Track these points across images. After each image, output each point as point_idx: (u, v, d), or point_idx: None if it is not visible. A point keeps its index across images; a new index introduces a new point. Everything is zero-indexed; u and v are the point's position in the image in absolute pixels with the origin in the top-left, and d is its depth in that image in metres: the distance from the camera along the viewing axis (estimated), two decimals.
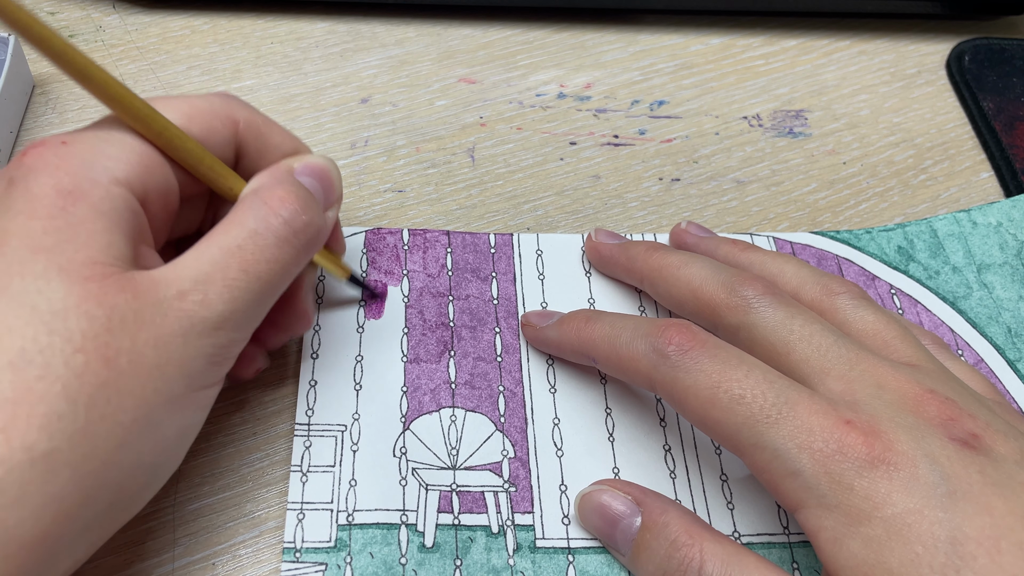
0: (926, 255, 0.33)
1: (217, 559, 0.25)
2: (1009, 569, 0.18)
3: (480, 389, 0.28)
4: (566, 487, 0.27)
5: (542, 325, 0.29)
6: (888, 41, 0.41)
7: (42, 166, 0.20)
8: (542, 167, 0.35)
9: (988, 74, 0.39)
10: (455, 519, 0.26)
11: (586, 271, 0.32)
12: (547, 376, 0.29)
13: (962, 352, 0.31)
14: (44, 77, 0.36)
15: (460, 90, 0.37)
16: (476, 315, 0.30)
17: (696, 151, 0.36)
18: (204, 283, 0.20)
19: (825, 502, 0.20)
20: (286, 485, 0.26)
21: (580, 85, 0.38)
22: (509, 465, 0.27)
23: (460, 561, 0.25)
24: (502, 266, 0.31)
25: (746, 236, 0.33)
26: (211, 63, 0.37)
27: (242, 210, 0.22)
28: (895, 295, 0.32)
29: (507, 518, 0.26)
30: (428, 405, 0.28)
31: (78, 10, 0.38)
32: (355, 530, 0.25)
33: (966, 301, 0.32)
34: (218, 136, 0.24)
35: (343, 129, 0.35)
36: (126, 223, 0.20)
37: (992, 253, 0.33)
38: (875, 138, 0.37)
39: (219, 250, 0.21)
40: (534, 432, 0.28)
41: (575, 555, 0.25)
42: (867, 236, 0.33)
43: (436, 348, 0.29)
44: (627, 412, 0.28)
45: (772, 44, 0.40)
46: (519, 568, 0.25)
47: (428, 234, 0.32)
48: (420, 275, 0.30)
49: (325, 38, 0.38)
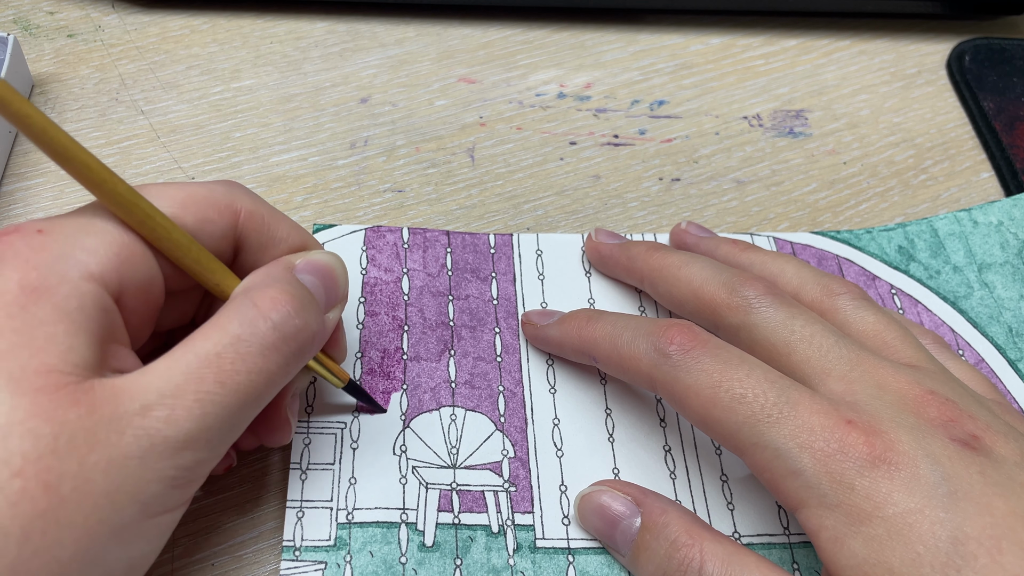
0: (927, 255, 0.33)
1: (217, 559, 0.25)
2: (1010, 568, 0.18)
3: (480, 389, 0.28)
4: (566, 487, 0.27)
5: (543, 324, 0.29)
6: (888, 41, 0.41)
7: (11, 256, 0.19)
8: (542, 167, 0.35)
9: (988, 74, 0.39)
10: (455, 518, 0.25)
11: (586, 271, 0.32)
12: (547, 376, 0.29)
13: (963, 352, 0.31)
14: (44, 77, 0.36)
15: (460, 90, 0.37)
16: (476, 315, 0.30)
17: (696, 151, 0.36)
18: (172, 396, 0.18)
19: (826, 501, 0.20)
20: (286, 485, 0.26)
21: (580, 85, 0.38)
22: (509, 465, 0.27)
23: (460, 560, 0.25)
24: (502, 266, 0.31)
25: (746, 236, 0.33)
26: (210, 63, 0.37)
27: (228, 312, 0.20)
28: (896, 295, 0.32)
29: (507, 518, 0.26)
30: (428, 403, 0.28)
31: (77, 10, 0.38)
32: (355, 528, 0.25)
33: (967, 301, 0.32)
34: (214, 227, 0.22)
35: (343, 129, 0.35)
36: (94, 323, 0.19)
37: (993, 252, 0.33)
38: (875, 138, 0.37)
39: (195, 358, 0.19)
40: (534, 432, 0.28)
41: (575, 555, 0.25)
42: (867, 236, 0.33)
43: (436, 347, 0.29)
44: (627, 413, 0.28)
45: (772, 44, 0.40)
46: (519, 568, 0.25)
47: (428, 233, 0.32)
48: (420, 274, 0.30)
49: (324, 38, 0.38)
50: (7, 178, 0.33)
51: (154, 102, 0.35)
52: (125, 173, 0.33)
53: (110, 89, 0.36)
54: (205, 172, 0.33)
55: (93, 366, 0.18)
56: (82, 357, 0.18)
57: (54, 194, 0.32)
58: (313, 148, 0.35)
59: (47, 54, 0.37)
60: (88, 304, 0.19)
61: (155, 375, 0.19)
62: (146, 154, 0.34)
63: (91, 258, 0.19)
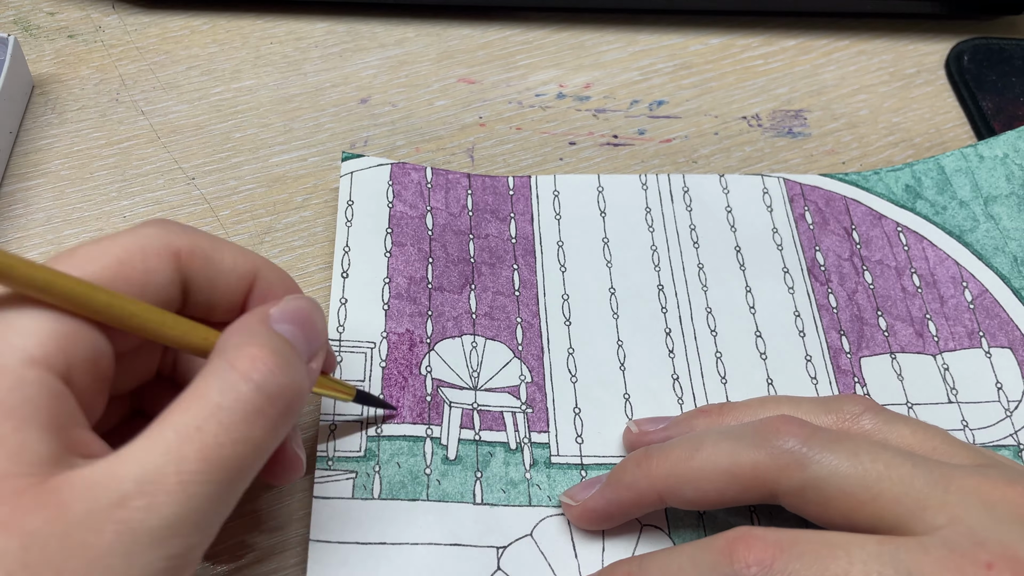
0: (933, 192, 0.33)
1: (217, 559, 0.25)
2: None
3: (499, 320, 0.30)
4: (579, 410, 0.28)
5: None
6: (887, 41, 0.41)
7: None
8: (541, 167, 0.35)
9: (987, 74, 0.39)
10: (476, 435, 0.27)
11: (601, 211, 0.33)
12: (562, 310, 0.30)
13: (967, 284, 0.31)
14: (44, 78, 0.36)
15: (459, 90, 0.37)
16: (495, 253, 0.31)
17: (695, 151, 0.36)
18: (152, 482, 0.16)
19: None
20: (286, 485, 0.26)
21: (579, 85, 0.38)
22: (526, 389, 0.29)
23: (480, 473, 0.26)
24: (520, 207, 0.33)
25: (756, 177, 0.34)
26: (210, 63, 0.37)
27: (205, 378, 0.18)
28: (901, 232, 0.33)
29: (524, 436, 0.28)
30: (451, 330, 0.29)
31: (77, 10, 0.38)
32: (383, 441, 0.27)
33: (972, 234, 0.33)
34: (159, 277, 0.20)
35: (343, 129, 0.35)
36: (44, 413, 0.17)
37: (999, 184, 0.33)
38: (874, 138, 0.37)
39: (174, 435, 0.17)
40: (550, 360, 0.29)
41: (588, 471, 0.27)
42: (875, 177, 0.34)
43: (458, 281, 0.30)
44: (638, 344, 0.30)
45: (771, 44, 0.40)
46: (535, 481, 0.27)
47: (450, 175, 0.33)
48: (443, 212, 0.32)
49: (324, 38, 0.38)
50: (7, 179, 0.33)
51: (154, 102, 0.35)
52: (125, 174, 0.33)
53: (110, 90, 0.36)
54: (205, 172, 0.33)
55: (54, 460, 0.16)
56: (38, 454, 0.16)
57: (54, 194, 0.32)
58: (313, 148, 0.35)
59: (47, 55, 0.37)
60: (34, 393, 0.17)
61: (130, 459, 0.17)
62: (146, 154, 0.34)
63: (29, 340, 0.17)
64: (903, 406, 0.29)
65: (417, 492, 0.26)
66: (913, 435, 0.23)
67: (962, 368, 0.30)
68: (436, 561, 0.24)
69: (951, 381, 0.29)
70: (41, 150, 0.34)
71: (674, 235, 0.32)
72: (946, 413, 0.29)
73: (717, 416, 0.25)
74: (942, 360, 0.30)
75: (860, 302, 0.31)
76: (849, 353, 0.30)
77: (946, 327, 0.30)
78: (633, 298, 0.31)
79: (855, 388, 0.29)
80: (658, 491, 0.23)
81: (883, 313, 0.31)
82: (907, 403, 0.29)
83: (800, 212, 0.33)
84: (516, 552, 0.25)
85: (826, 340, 0.30)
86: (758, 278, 0.31)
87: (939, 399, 0.29)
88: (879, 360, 0.30)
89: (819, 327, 0.30)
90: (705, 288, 0.31)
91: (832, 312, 0.31)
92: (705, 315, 0.30)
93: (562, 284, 0.31)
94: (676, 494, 0.23)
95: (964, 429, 0.28)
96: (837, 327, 0.30)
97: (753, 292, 0.31)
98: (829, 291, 0.31)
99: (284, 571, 0.25)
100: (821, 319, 0.30)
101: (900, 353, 0.30)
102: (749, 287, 0.31)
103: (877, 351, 0.30)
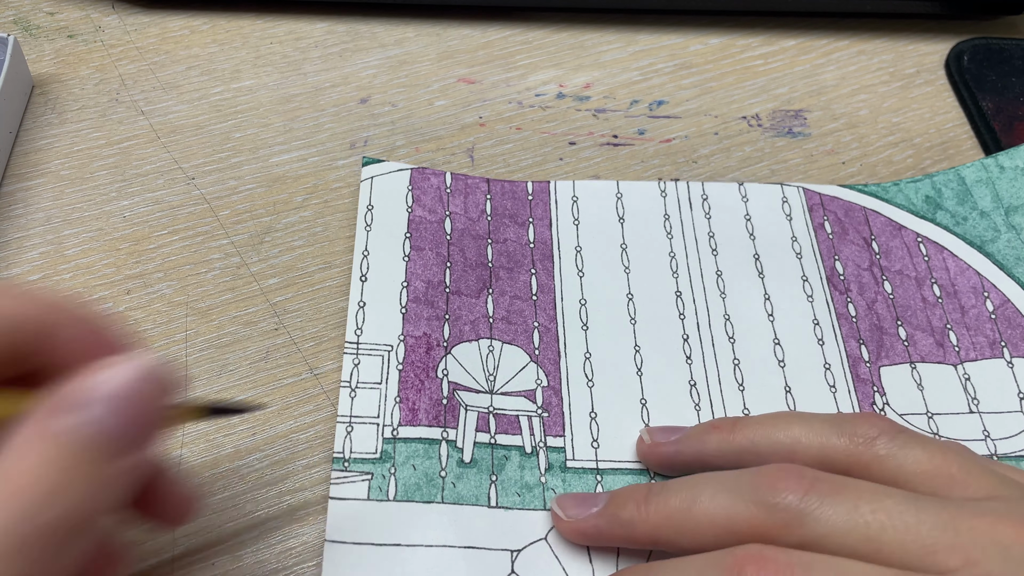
0: (954, 202, 0.33)
1: (217, 559, 0.25)
2: None
3: (516, 324, 0.30)
4: (596, 414, 0.28)
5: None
6: (887, 41, 0.41)
7: None
8: (541, 167, 0.35)
9: (987, 74, 0.39)
10: (492, 438, 0.27)
11: (620, 217, 0.33)
12: (580, 315, 0.30)
13: (988, 294, 0.31)
14: (44, 77, 0.36)
15: (459, 90, 0.37)
16: (513, 258, 0.31)
17: (695, 151, 0.36)
18: None
19: None
20: (286, 485, 0.26)
21: (579, 85, 0.38)
22: (542, 393, 0.29)
23: (495, 477, 0.27)
24: (539, 212, 0.33)
25: (776, 187, 0.34)
26: (210, 63, 0.37)
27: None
28: (921, 243, 0.33)
29: (540, 440, 0.28)
30: (468, 334, 0.29)
31: (77, 10, 0.38)
32: (399, 444, 0.27)
33: (994, 244, 0.33)
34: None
35: (342, 129, 0.35)
36: None
37: (1020, 195, 0.33)
38: (874, 138, 0.37)
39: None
40: (566, 364, 0.29)
41: (603, 475, 0.27)
42: (895, 188, 0.34)
43: (476, 285, 0.31)
44: (656, 350, 0.30)
45: (771, 44, 0.40)
46: (550, 485, 0.27)
47: (469, 180, 0.33)
48: (461, 217, 0.32)
49: (324, 38, 0.38)
50: (7, 178, 0.33)
51: (154, 102, 0.36)
52: (125, 174, 0.33)
53: (110, 90, 0.36)
54: (205, 172, 0.33)
55: None
56: None
57: (54, 194, 0.32)
58: (313, 148, 0.35)
59: (47, 55, 0.37)
60: None
61: None
62: (146, 154, 0.34)
63: None
64: (923, 416, 0.28)
65: (432, 494, 0.26)
66: (930, 460, 0.22)
67: (984, 378, 0.29)
68: (450, 563, 0.24)
69: (972, 391, 0.29)
70: (41, 150, 0.34)
71: (692, 242, 0.32)
72: (967, 423, 0.28)
73: (729, 432, 0.25)
74: (963, 370, 0.30)
75: (880, 311, 0.31)
76: (868, 362, 0.30)
77: (967, 337, 0.30)
78: (651, 304, 0.31)
79: (874, 397, 0.29)
80: (652, 538, 0.23)
81: (903, 323, 0.30)
82: (927, 413, 0.29)
83: (819, 222, 0.33)
84: (530, 556, 0.25)
85: (845, 349, 0.30)
86: (777, 286, 0.31)
87: (960, 409, 0.29)
88: (899, 369, 0.30)
89: (838, 336, 0.30)
90: (723, 295, 0.31)
91: (851, 321, 0.30)
92: (723, 322, 0.30)
93: (580, 289, 0.31)
94: (672, 543, 0.23)
95: (986, 439, 0.28)
96: (856, 336, 0.30)
97: (772, 300, 0.31)
98: (848, 300, 0.31)
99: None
100: (840, 328, 0.30)
101: (920, 363, 0.30)
102: (768, 295, 0.31)
103: (897, 360, 0.30)
